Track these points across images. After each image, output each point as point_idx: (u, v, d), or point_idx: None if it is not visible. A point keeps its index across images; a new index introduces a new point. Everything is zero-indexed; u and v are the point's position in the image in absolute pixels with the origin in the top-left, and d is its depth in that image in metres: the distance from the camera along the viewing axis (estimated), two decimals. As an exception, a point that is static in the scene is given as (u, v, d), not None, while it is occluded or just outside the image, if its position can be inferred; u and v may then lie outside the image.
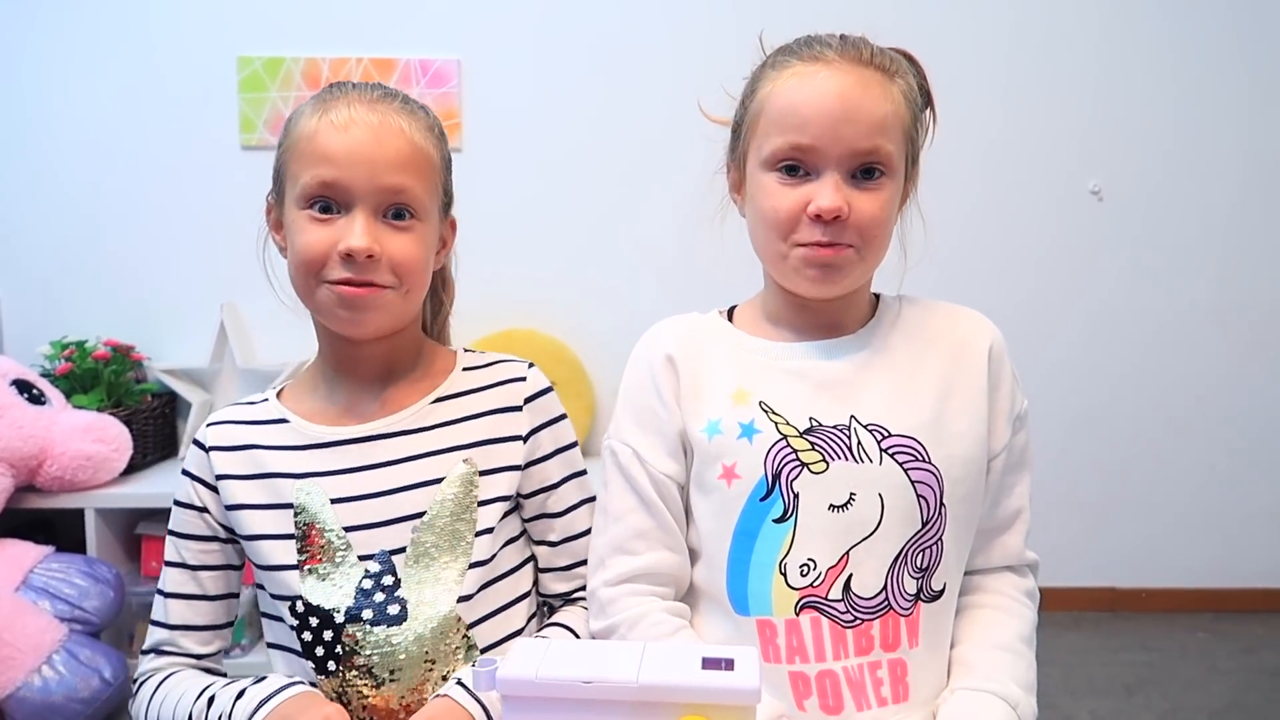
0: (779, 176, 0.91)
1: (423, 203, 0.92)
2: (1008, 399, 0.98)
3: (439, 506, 0.93)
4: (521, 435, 0.99)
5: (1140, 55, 2.55)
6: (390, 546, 0.92)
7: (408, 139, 0.90)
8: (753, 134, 0.94)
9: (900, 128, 0.91)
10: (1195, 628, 2.56)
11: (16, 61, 2.46)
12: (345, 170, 0.87)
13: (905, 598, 0.91)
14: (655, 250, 2.54)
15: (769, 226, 0.92)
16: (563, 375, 2.45)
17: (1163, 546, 2.67)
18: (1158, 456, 2.66)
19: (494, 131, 2.52)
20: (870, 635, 0.89)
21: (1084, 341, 2.62)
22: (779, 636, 0.90)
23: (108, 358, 2.32)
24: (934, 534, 0.92)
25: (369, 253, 0.87)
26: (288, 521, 0.92)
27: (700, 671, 0.67)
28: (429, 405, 0.97)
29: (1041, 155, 2.57)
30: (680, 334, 1.01)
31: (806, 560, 0.89)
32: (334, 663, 0.91)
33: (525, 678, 0.68)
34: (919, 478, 0.91)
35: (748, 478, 0.91)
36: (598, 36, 2.51)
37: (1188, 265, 2.61)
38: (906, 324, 0.99)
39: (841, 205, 0.88)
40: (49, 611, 1.89)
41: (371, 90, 0.92)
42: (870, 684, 0.89)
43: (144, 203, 2.50)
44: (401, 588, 0.91)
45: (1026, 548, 1.00)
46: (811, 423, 0.93)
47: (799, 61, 0.91)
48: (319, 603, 0.91)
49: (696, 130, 1.07)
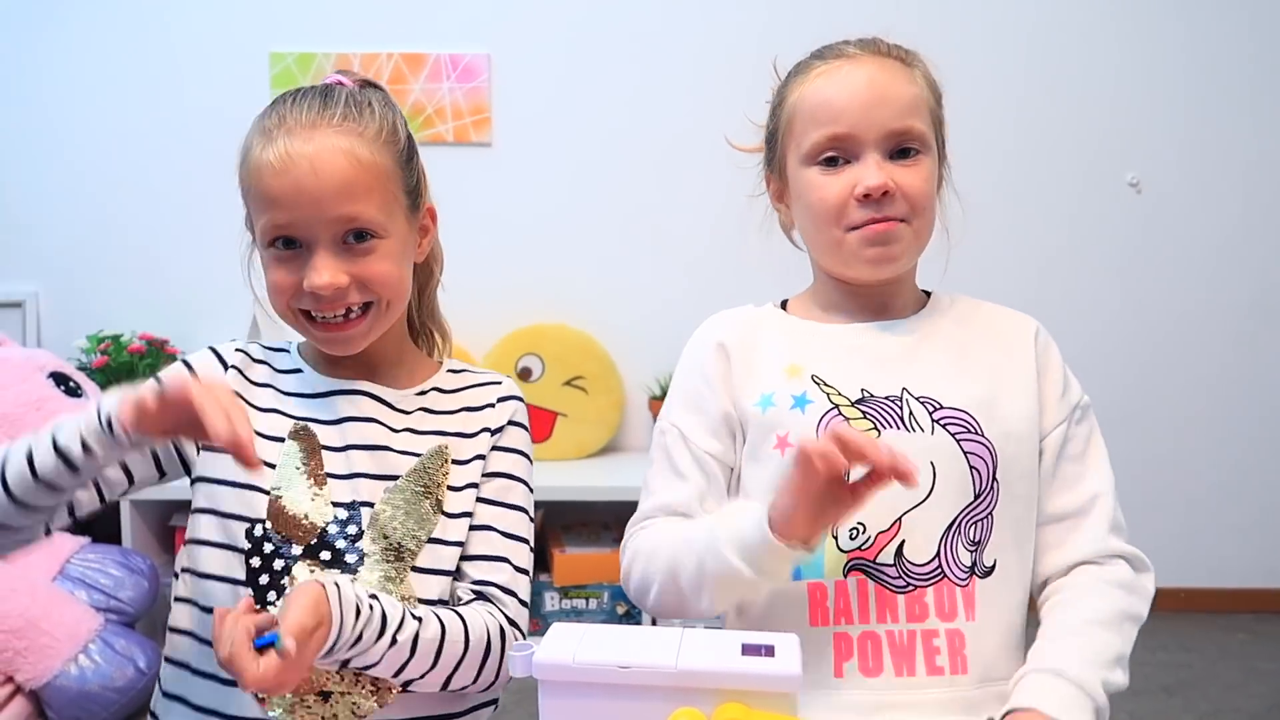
0: (821, 169, 0.95)
1: (380, 221, 0.91)
2: (1058, 383, 1.00)
3: (414, 476, 0.94)
4: (491, 428, 1.00)
5: (1178, 45, 2.51)
6: (362, 498, 0.92)
7: (350, 160, 0.88)
8: (789, 137, 0.98)
9: (927, 109, 0.97)
10: (1235, 628, 2.51)
11: (53, 59, 2.49)
12: (292, 212, 0.87)
13: (960, 569, 0.91)
14: (685, 245, 2.53)
15: (819, 217, 0.96)
16: (592, 370, 2.44)
17: (1201, 545, 2.62)
18: (1197, 453, 2.61)
19: (523, 126, 2.51)
20: (924, 603, 0.90)
21: (1121, 334, 2.58)
22: (828, 598, 0.91)
23: (142, 351, 2.34)
24: (986, 507, 0.93)
25: (334, 287, 0.88)
26: (273, 452, 0.92)
27: (740, 657, 0.67)
28: (414, 394, 0.99)
29: (1079, 148, 2.53)
30: (733, 323, 1.04)
31: (858, 524, 0.90)
32: (275, 594, 0.88)
33: (562, 662, 0.68)
34: (971, 449, 0.93)
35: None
36: (628, 31, 2.51)
37: (1227, 257, 2.57)
38: (958, 314, 1.03)
39: (886, 181, 0.92)
40: (85, 601, 1.91)
41: (309, 109, 0.90)
42: (923, 652, 0.89)
43: (178, 199, 2.52)
44: (363, 540, 0.91)
45: (1121, 541, 0.96)
46: (863, 393, 0.95)
47: (821, 63, 0.97)
48: (280, 531, 0.90)
49: (727, 127, 1.10)
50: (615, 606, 2.25)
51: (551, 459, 2.38)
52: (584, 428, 2.43)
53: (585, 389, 2.43)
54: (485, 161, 2.51)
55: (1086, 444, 0.99)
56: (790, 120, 0.97)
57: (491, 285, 1.12)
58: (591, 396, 2.43)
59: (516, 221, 2.46)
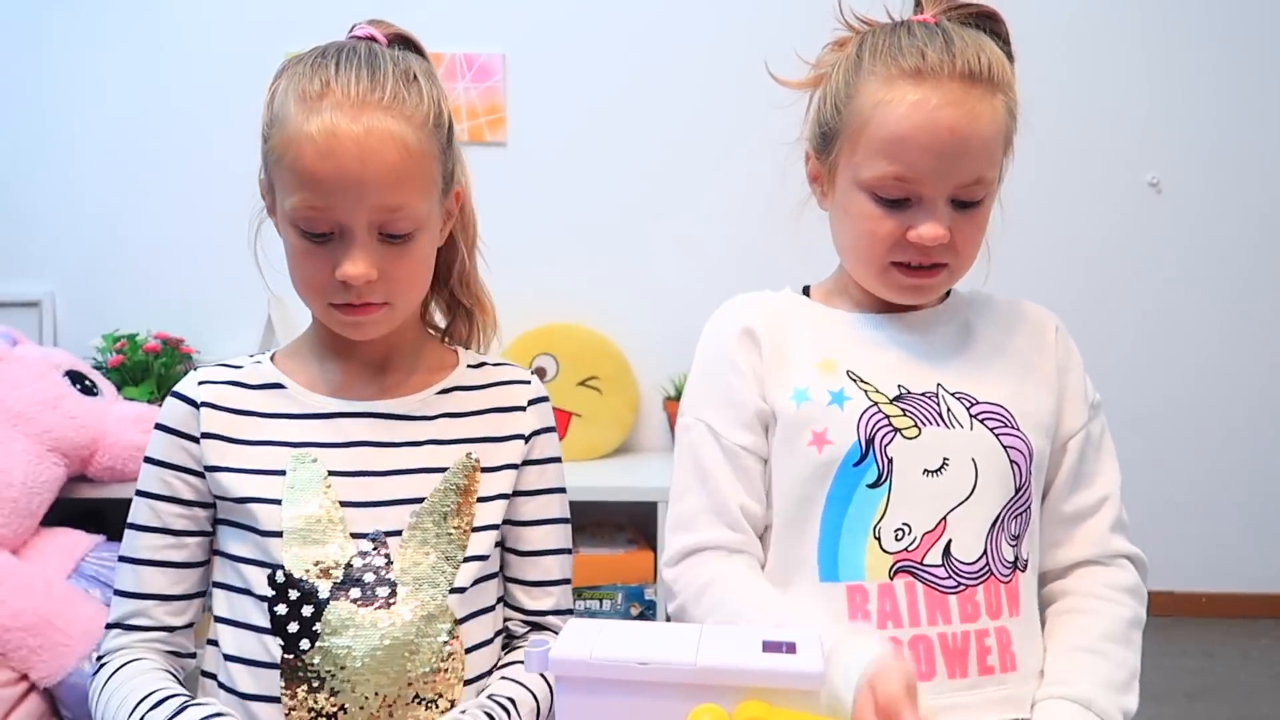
0: (878, 202, 0.90)
1: (420, 214, 0.86)
2: (1080, 381, 0.99)
3: (440, 495, 0.89)
4: (524, 434, 0.96)
5: (1197, 45, 2.49)
6: (386, 528, 0.87)
7: (399, 148, 0.82)
8: (850, 148, 0.91)
9: (1002, 141, 0.91)
10: (1258, 634, 2.48)
11: (66, 60, 2.49)
12: (332, 198, 0.81)
13: (1005, 564, 0.90)
14: (700, 246, 2.51)
15: (863, 244, 0.93)
16: (607, 370, 2.43)
17: (1223, 550, 2.59)
18: (1217, 457, 2.58)
19: (538, 126, 2.50)
20: (975, 601, 0.88)
21: (1142, 337, 2.55)
22: (870, 601, 0.87)
23: (158, 350, 2.34)
24: (1025, 500, 0.92)
25: (366, 279, 0.83)
26: (278, 487, 0.87)
27: (761, 654, 0.65)
28: (435, 395, 0.94)
29: (1099, 148, 2.51)
30: (757, 308, 1.00)
31: (901, 525, 0.88)
32: (307, 641, 0.84)
33: (580, 658, 0.66)
34: (1010, 443, 0.91)
35: (840, 443, 0.90)
36: (643, 30, 2.49)
37: (1248, 258, 2.54)
38: (981, 307, 1.02)
39: (944, 235, 0.88)
40: (100, 599, 1.91)
41: (356, 80, 0.82)
42: (976, 652, 0.87)
43: (193, 199, 2.52)
44: (393, 570, 0.86)
45: (1125, 541, 0.97)
46: (900, 390, 0.93)
47: (906, 80, 0.87)
48: (302, 576, 0.85)
49: (743, 126, 1.08)
50: (630, 608, 2.24)
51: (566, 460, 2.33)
52: (599, 428, 2.42)
53: (600, 389, 2.42)
54: (500, 161, 2.50)
55: (1100, 442, 0.99)
56: (858, 130, 0.89)
57: (506, 285, 1.09)
58: (606, 397, 2.42)
59: (531, 222, 2.45)
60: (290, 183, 0.82)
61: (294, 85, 0.83)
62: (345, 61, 0.84)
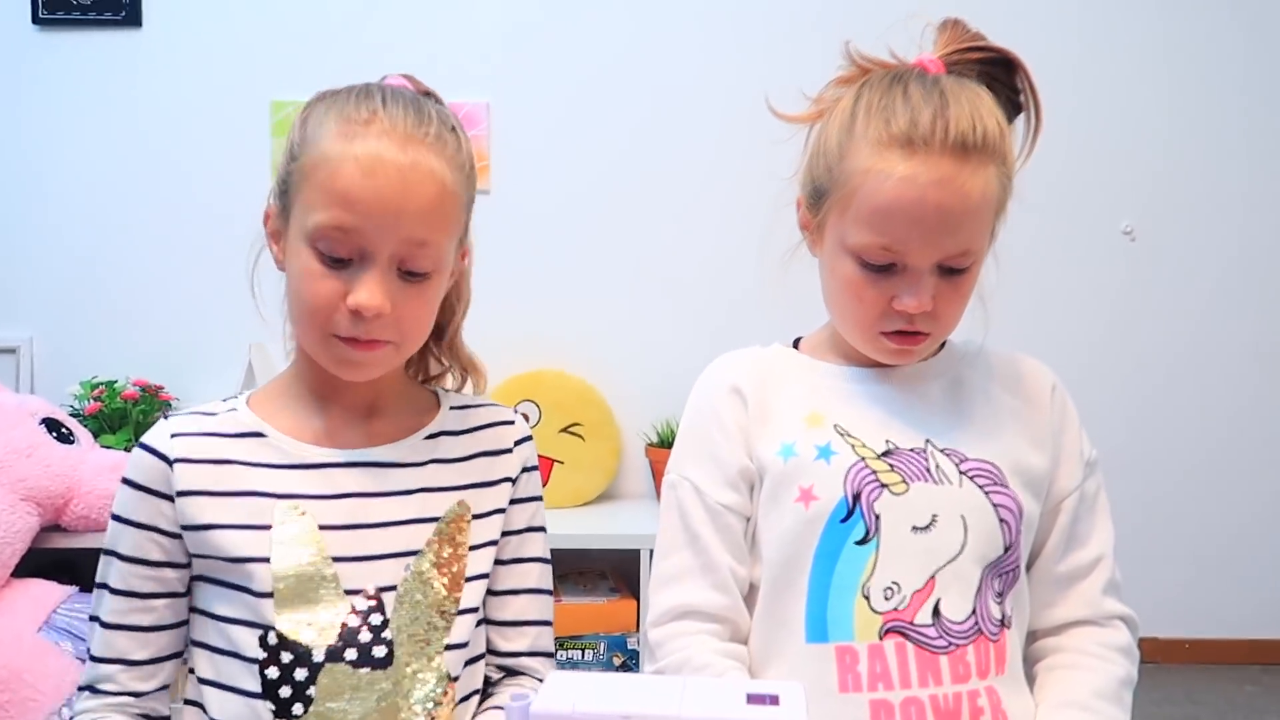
0: (864, 267, 0.89)
1: (443, 255, 0.85)
2: (1076, 440, 0.98)
3: (434, 547, 0.88)
4: (511, 477, 0.96)
5: (1171, 93, 2.54)
6: (381, 583, 0.85)
7: (437, 183, 0.82)
8: (840, 211, 0.90)
9: (993, 209, 0.89)
10: (1242, 680, 2.47)
11: (50, 104, 2.50)
12: (365, 220, 0.80)
13: (993, 622, 0.89)
14: (684, 293, 2.53)
15: (847, 309, 0.93)
16: (590, 417, 2.43)
17: (1207, 596, 2.59)
18: (1199, 501, 2.59)
19: (522, 174, 2.52)
20: (966, 661, 0.86)
21: (1119, 383, 2.57)
22: (860, 663, 0.86)
23: (136, 398, 2.32)
24: (1014, 559, 0.91)
25: (378, 311, 0.81)
26: (266, 544, 0.84)
27: (745, 707, 0.64)
28: (423, 440, 0.93)
29: (1073, 196, 2.54)
30: (746, 365, 1.00)
31: (891, 583, 0.87)
32: (301, 705, 0.81)
33: (561, 713, 0.65)
34: (1000, 501, 0.90)
35: (826, 499, 0.89)
36: (626, 79, 2.53)
37: (1224, 304, 2.57)
38: (975, 360, 1.00)
39: (928, 305, 0.88)
40: (70, 653, 1.87)
41: (405, 114, 0.83)
42: (969, 713, 0.85)
43: (173, 245, 2.52)
44: (389, 628, 0.84)
45: (1118, 602, 0.96)
46: (889, 445, 0.92)
47: (896, 150, 0.85)
48: (296, 637, 0.82)
49: (726, 170, 1.08)
50: (612, 657, 2.21)
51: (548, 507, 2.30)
52: (581, 475, 2.41)
53: (582, 436, 2.41)
54: (483, 209, 2.49)
55: (1095, 501, 0.98)
56: (847, 196, 0.88)
57: (489, 332, 1.09)
58: (589, 444, 2.41)
59: (514, 269, 2.45)
60: (320, 200, 0.81)
61: (337, 110, 0.84)
62: (392, 98, 0.85)
